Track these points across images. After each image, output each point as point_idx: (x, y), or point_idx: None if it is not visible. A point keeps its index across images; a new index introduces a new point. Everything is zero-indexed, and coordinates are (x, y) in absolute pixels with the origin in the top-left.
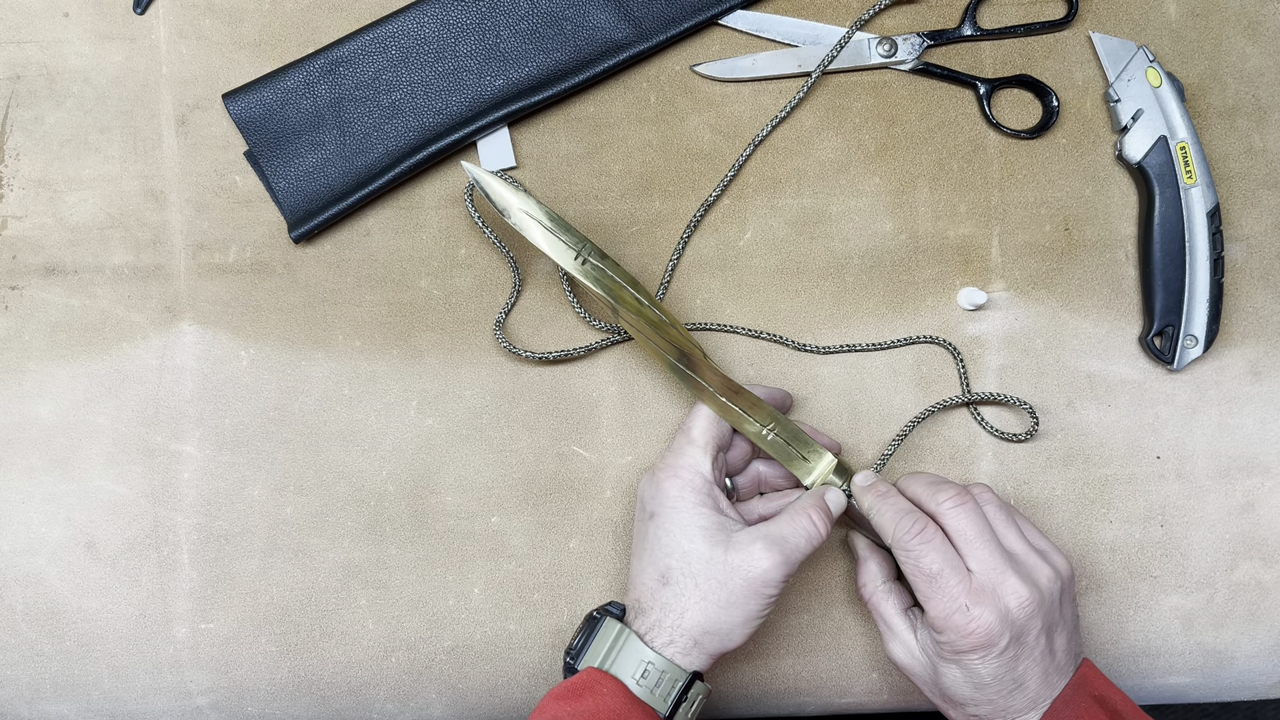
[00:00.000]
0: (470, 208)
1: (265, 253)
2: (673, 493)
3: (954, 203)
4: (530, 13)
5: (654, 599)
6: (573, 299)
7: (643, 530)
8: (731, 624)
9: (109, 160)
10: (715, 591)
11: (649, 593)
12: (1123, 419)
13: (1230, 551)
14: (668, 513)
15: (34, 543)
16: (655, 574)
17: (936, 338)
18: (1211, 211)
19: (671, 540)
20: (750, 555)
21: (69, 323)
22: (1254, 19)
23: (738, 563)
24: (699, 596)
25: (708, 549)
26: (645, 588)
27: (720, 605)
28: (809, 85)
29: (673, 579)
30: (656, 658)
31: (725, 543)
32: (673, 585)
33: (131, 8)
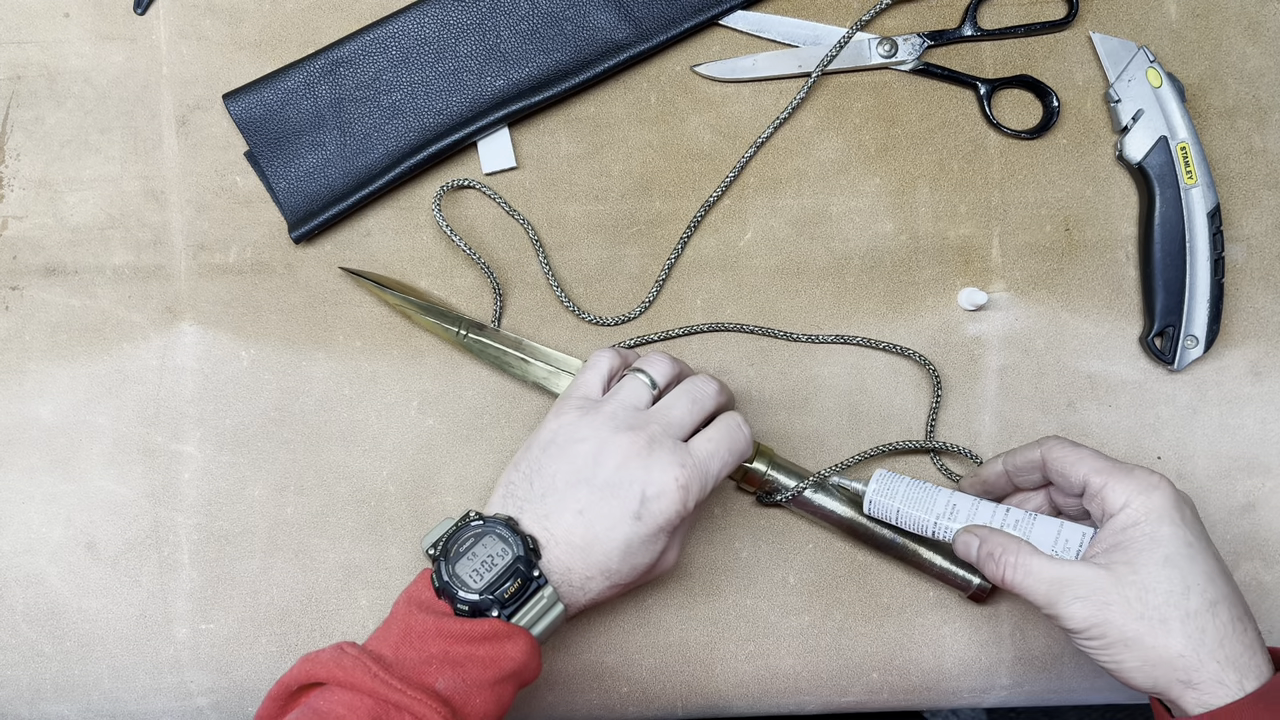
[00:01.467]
0: (438, 216)
1: (265, 253)
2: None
3: (954, 203)
4: (530, 13)
5: (586, 581)
6: (568, 302)
7: (614, 514)
8: (637, 562)
9: (109, 160)
10: (626, 588)
11: (583, 573)
12: (1123, 419)
13: (1231, 552)
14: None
15: (34, 543)
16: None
17: (923, 357)
18: (1212, 212)
19: (637, 553)
20: (665, 563)
21: (69, 323)
22: (1254, 19)
23: (655, 569)
24: (617, 592)
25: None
26: (581, 565)
27: (620, 595)
28: (809, 85)
29: (613, 579)
30: (561, 619)
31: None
32: (610, 581)
33: (132, 8)
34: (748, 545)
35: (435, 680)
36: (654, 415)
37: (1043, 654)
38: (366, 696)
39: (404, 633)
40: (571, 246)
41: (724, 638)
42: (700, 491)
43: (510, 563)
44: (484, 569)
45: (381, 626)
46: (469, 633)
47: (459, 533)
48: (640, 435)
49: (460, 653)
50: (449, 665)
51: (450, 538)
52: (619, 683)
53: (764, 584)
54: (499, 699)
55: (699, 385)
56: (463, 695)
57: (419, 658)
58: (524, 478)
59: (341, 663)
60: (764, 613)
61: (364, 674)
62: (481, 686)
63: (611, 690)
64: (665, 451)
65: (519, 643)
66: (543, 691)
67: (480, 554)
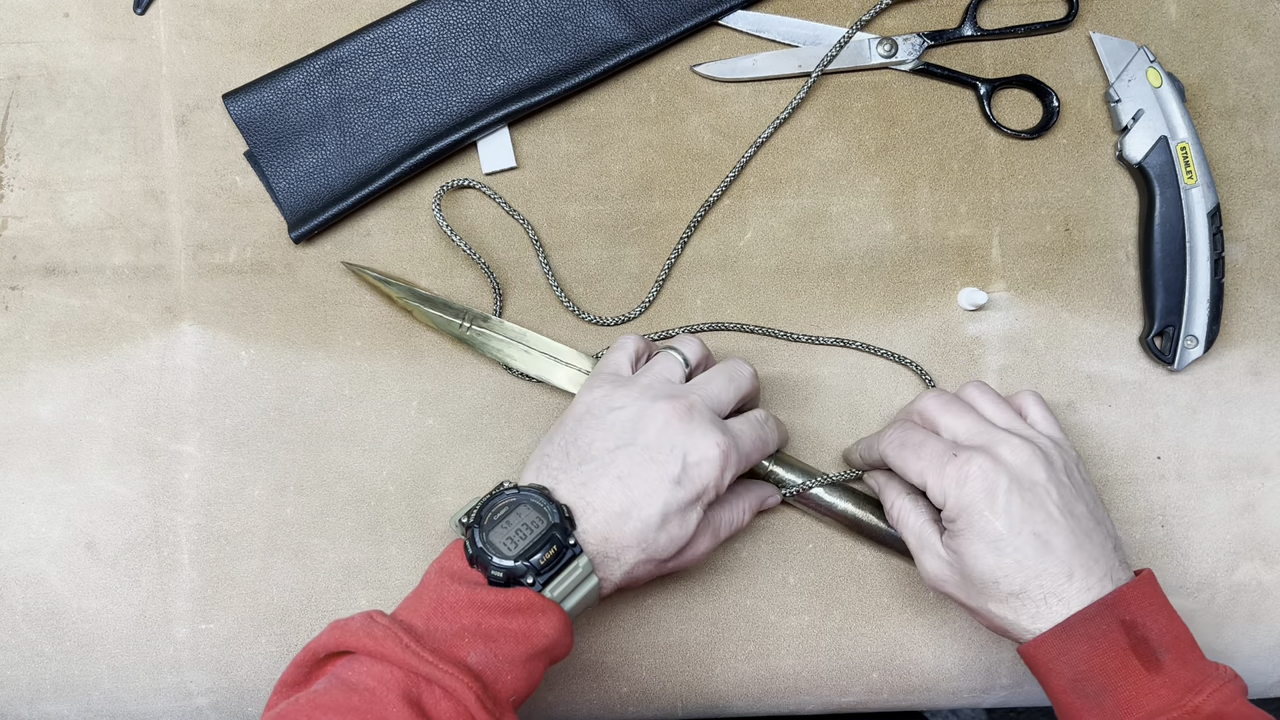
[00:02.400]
0: (439, 216)
1: (265, 253)
2: (708, 485)
3: (954, 203)
4: (530, 13)
5: (621, 552)
6: (568, 302)
7: (653, 479)
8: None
9: (109, 160)
10: (661, 566)
11: (619, 543)
12: (1123, 419)
13: (1231, 552)
14: (687, 496)
15: (34, 543)
16: (636, 535)
17: (919, 366)
18: (1212, 212)
19: (673, 521)
20: (697, 550)
21: (69, 323)
22: (1254, 19)
23: (687, 553)
24: (652, 569)
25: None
26: (618, 533)
27: (655, 576)
28: (809, 85)
29: (649, 550)
30: (596, 596)
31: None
32: (646, 553)
33: (131, 8)
34: (747, 545)
35: (467, 654)
36: (693, 387)
37: None
38: (397, 668)
39: (436, 603)
40: (571, 246)
41: (724, 638)
42: (736, 466)
43: (545, 530)
44: (518, 537)
45: (411, 596)
46: (503, 604)
47: (493, 500)
48: (680, 403)
49: (493, 625)
50: (481, 639)
51: (484, 506)
52: (619, 683)
53: (764, 584)
54: (530, 675)
55: (736, 366)
56: (494, 670)
57: (451, 630)
58: (559, 449)
59: (372, 632)
60: (764, 613)
61: (395, 645)
62: (513, 662)
63: (611, 690)
64: (705, 420)
65: (552, 618)
66: (543, 691)
67: (514, 523)
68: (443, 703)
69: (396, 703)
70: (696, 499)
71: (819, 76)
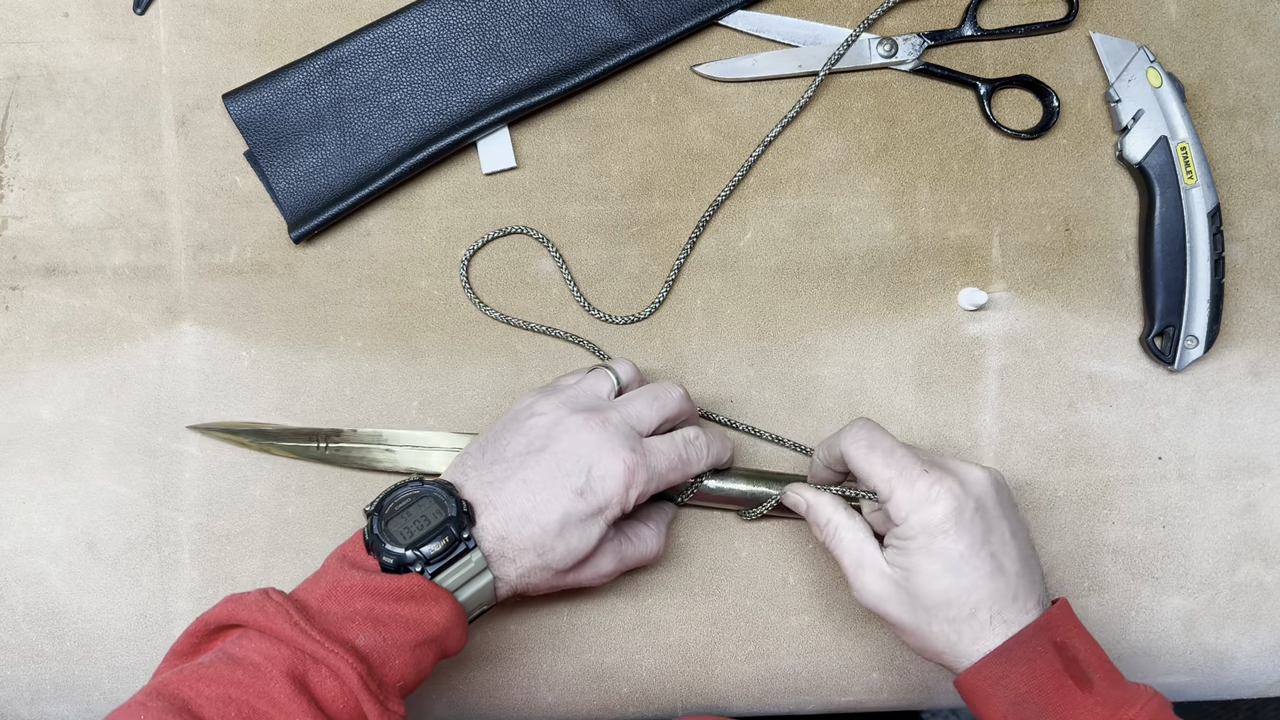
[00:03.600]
0: (465, 285)
1: (265, 253)
2: (612, 501)
3: (954, 203)
4: (530, 13)
5: (518, 554)
6: (585, 304)
7: (558, 488)
8: (540, 593)
9: (109, 160)
10: (559, 578)
11: (517, 544)
12: (1124, 419)
13: (1232, 552)
14: (590, 507)
15: (35, 543)
16: (535, 539)
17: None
18: (1212, 212)
19: (572, 530)
20: (598, 569)
21: (69, 323)
22: (1254, 19)
23: (587, 570)
24: (548, 578)
25: (586, 553)
26: (516, 533)
27: (551, 588)
28: (816, 84)
29: (546, 558)
30: (491, 595)
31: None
32: (542, 560)
33: (131, 8)
34: (747, 545)
35: (356, 636)
36: (615, 403)
37: None
38: (285, 645)
39: (330, 586)
40: (571, 246)
41: (724, 638)
42: (645, 485)
43: (440, 523)
44: (415, 527)
45: (310, 578)
46: (394, 590)
47: (396, 491)
48: (596, 417)
49: (384, 611)
50: (371, 623)
51: (387, 495)
52: (619, 683)
53: (764, 584)
54: (418, 663)
55: (663, 387)
56: (382, 654)
57: (342, 612)
58: (478, 448)
59: (265, 608)
60: (764, 613)
61: (285, 622)
62: (402, 648)
63: (611, 690)
64: (619, 436)
65: (443, 606)
66: (543, 691)
67: (414, 514)
68: (328, 681)
69: (280, 679)
70: (598, 512)
71: (825, 76)
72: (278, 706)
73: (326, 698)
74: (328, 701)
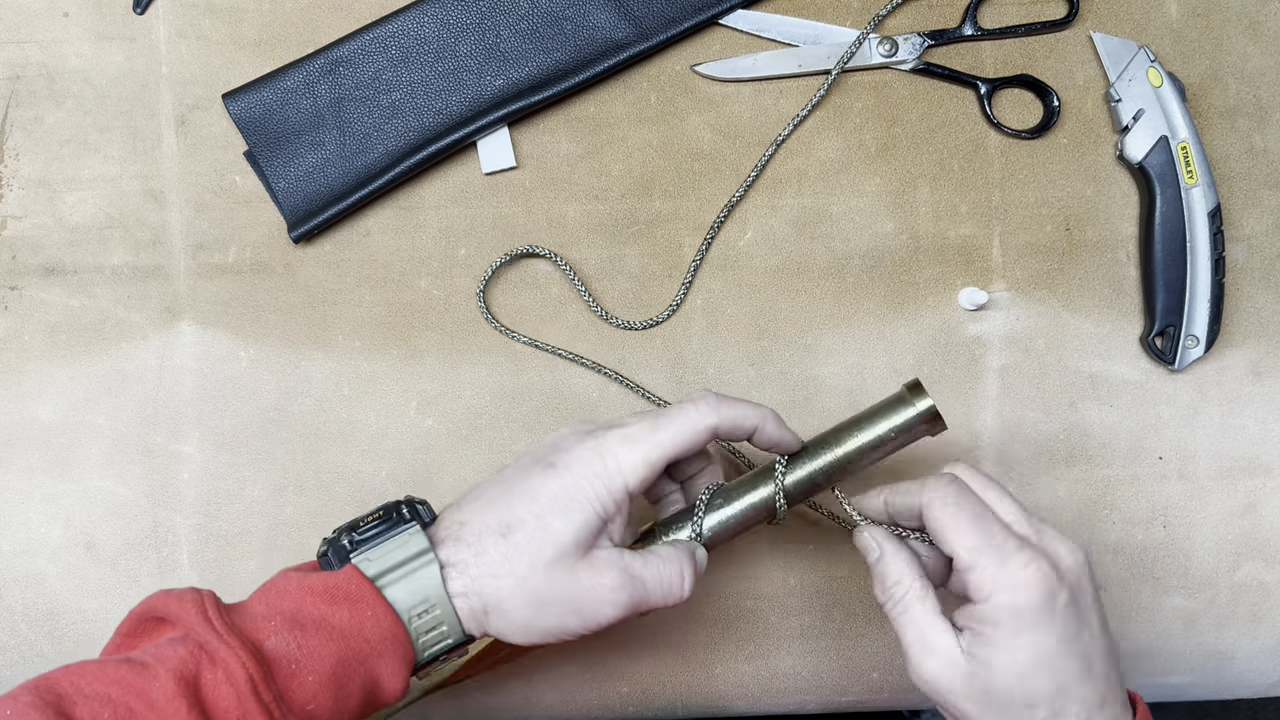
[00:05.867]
0: (481, 305)
1: (265, 253)
2: (585, 472)
3: (955, 203)
4: (530, 12)
5: (478, 539)
6: (587, 296)
7: (526, 467)
8: (527, 623)
9: (109, 160)
10: (541, 587)
11: (477, 528)
12: (1124, 419)
13: (1233, 552)
14: (562, 481)
15: (34, 543)
16: (500, 517)
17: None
18: (1212, 211)
19: (544, 505)
20: (598, 581)
21: (68, 323)
22: (1255, 19)
23: (583, 579)
24: (522, 576)
25: (569, 544)
26: (477, 518)
27: (534, 603)
28: (829, 83)
29: (513, 538)
30: (445, 604)
31: (585, 549)
32: (509, 542)
33: (131, 8)
34: (748, 546)
35: (267, 638)
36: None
37: None
38: (184, 642)
39: (267, 588)
40: (571, 246)
41: (724, 638)
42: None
43: (388, 505)
44: (370, 531)
45: (258, 592)
46: (325, 587)
47: (370, 514)
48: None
49: (310, 614)
50: (291, 625)
51: (362, 519)
52: (619, 683)
53: (764, 585)
54: (338, 689)
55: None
56: (292, 663)
57: (264, 611)
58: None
59: (182, 598)
60: (764, 613)
61: (195, 615)
62: (319, 663)
63: (611, 690)
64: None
65: (378, 611)
66: (543, 691)
67: (376, 525)
68: (221, 686)
69: (165, 678)
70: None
71: (838, 74)
72: (155, 710)
73: (217, 704)
74: (217, 709)
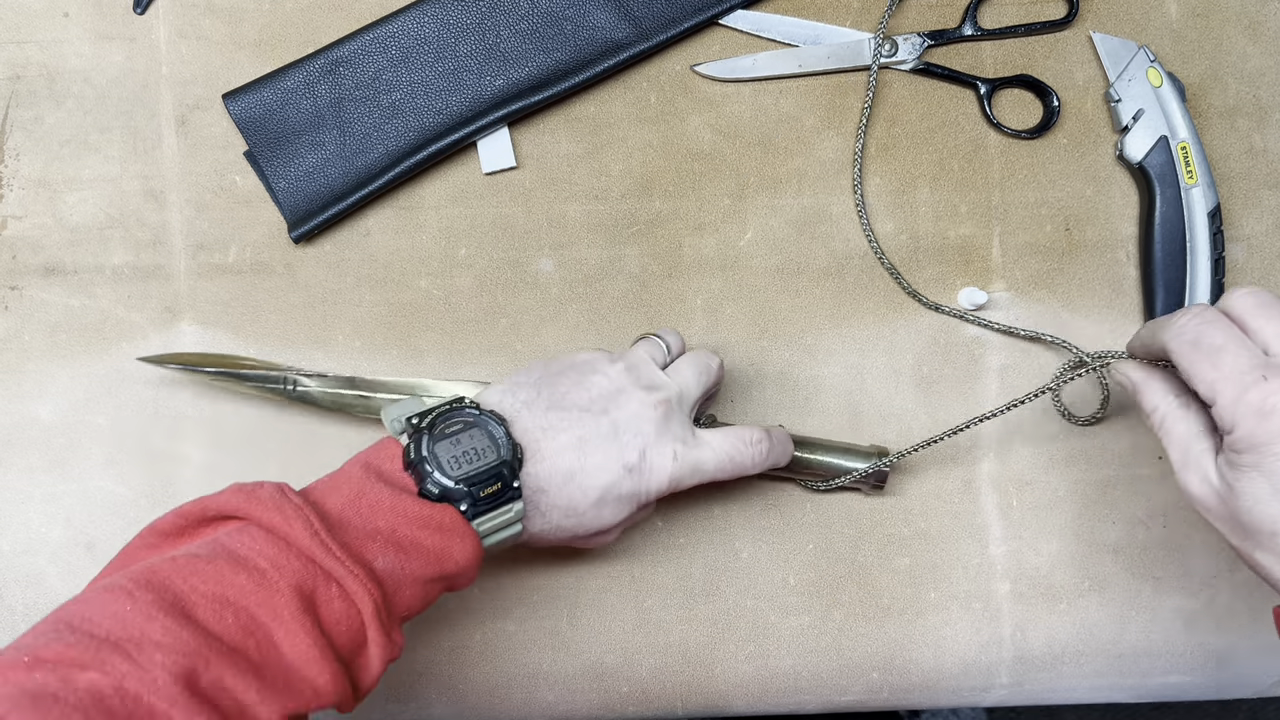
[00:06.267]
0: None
1: (265, 253)
2: (654, 483)
3: (954, 203)
4: (530, 12)
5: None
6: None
7: (610, 450)
8: (599, 518)
9: (109, 160)
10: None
11: (552, 501)
12: (1124, 419)
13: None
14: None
15: (34, 543)
16: (571, 501)
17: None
18: (1212, 212)
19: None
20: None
21: (69, 323)
22: (1255, 19)
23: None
24: (569, 539)
25: (610, 524)
26: (555, 491)
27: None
28: (874, 76)
29: (574, 519)
30: (516, 536)
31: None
32: (568, 520)
33: (131, 8)
34: (748, 546)
35: (375, 558)
36: (671, 381)
37: (1043, 654)
38: (296, 556)
39: (354, 497)
40: (571, 246)
41: (724, 638)
42: (688, 481)
43: (494, 465)
44: (464, 459)
45: (325, 482)
46: (425, 518)
47: (450, 414)
48: (657, 396)
49: (408, 537)
50: (393, 547)
51: (440, 416)
52: (619, 683)
53: (764, 584)
54: (426, 596)
55: (705, 359)
56: (396, 581)
57: (364, 529)
58: (532, 384)
59: (283, 509)
60: (764, 613)
61: (304, 530)
62: (416, 580)
63: (611, 690)
64: (676, 425)
65: (468, 546)
66: (543, 691)
67: (464, 442)
68: (336, 602)
69: (288, 593)
70: (636, 495)
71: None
72: (279, 622)
73: (330, 619)
74: (331, 623)
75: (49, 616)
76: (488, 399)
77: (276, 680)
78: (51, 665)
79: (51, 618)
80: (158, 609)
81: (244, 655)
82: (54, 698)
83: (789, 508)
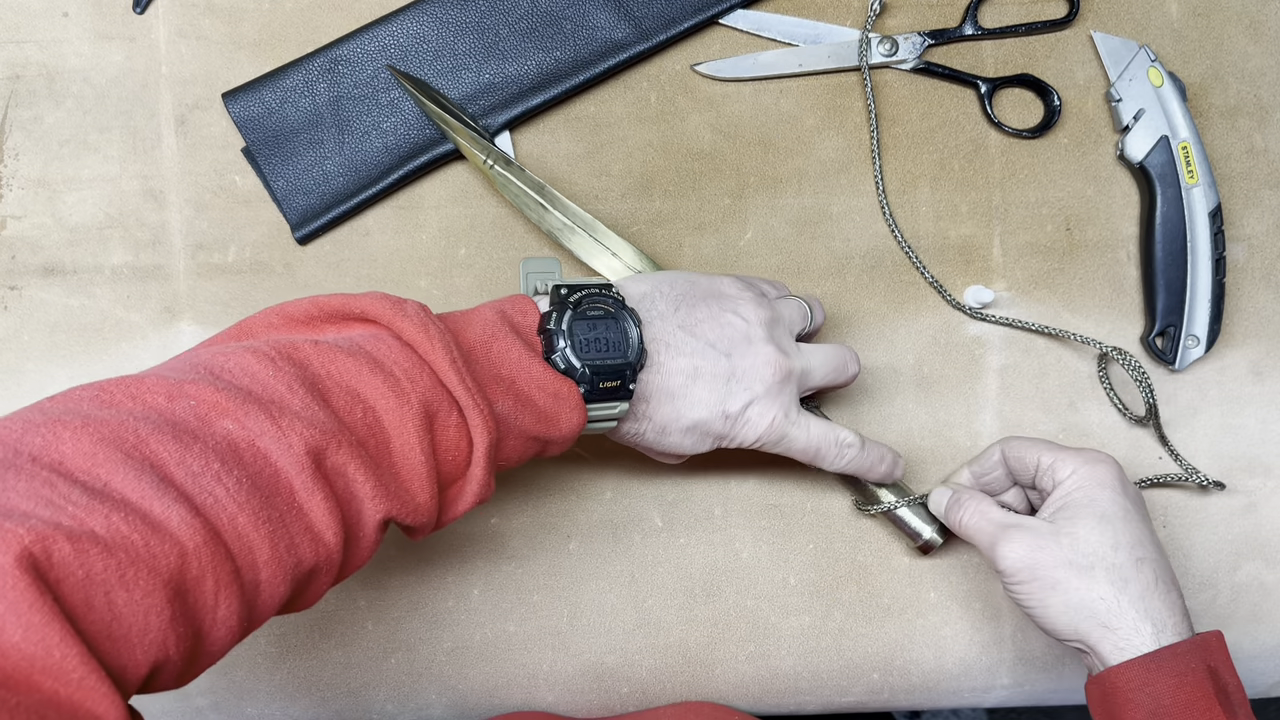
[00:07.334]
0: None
1: (264, 253)
2: (754, 430)
3: (955, 202)
4: (530, 12)
5: (647, 427)
6: None
7: (718, 356)
8: (680, 445)
9: (108, 160)
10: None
11: (650, 417)
12: (1124, 419)
13: (1233, 552)
14: (729, 428)
15: None
16: (665, 418)
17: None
18: (1213, 211)
19: (697, 428)
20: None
21: (68, 323)
22: (1255, 18)
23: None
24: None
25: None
26: (657, 409)
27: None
28: (868, 79)
29: (664, 440)
30: (610, 429)
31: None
32: (662, 438)
33: (131, 7)
34: (748, 546)
35: (496, 400)
36: (802, 357)
37: (1043, 654)
38: (429, 376)
39: (486, 339)
40: None
41: (724, 638)
42: (770, 447)
43: (620, 364)
44: (597, 345)
45: (459, 316)
46: (546, 381)
47: (598, 297)
48: (783, 362)
49: (526, 391)
50: (512, 396)
51: (586, 295)
52: (619, 683)
53: (764, 585)
54: (524, 453)
55: (845, 361)
56: (506, 429)
57: (491, 371)
58: (673, 299)
59: (427, 329)
60: (764, 613)
61: (444, 353)
62: (523, 434)
63: (612, 690)
64: (786, 395)
65: (574, 420)
66: (543, 691)
67: (600, 329)
68: (451, 430)
69: (416, 407)
70: (722, 437)
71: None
72: (400, 432)
73: (444, 444)
74: (442, 448)
75: (183, 357)
76: (631, 291)
77: (389, 484)
78: (193, 402)
79: (188, 360)
80: (298, 382)
81: (367, 450)
82: (194, 435)
83: (789, 508)
